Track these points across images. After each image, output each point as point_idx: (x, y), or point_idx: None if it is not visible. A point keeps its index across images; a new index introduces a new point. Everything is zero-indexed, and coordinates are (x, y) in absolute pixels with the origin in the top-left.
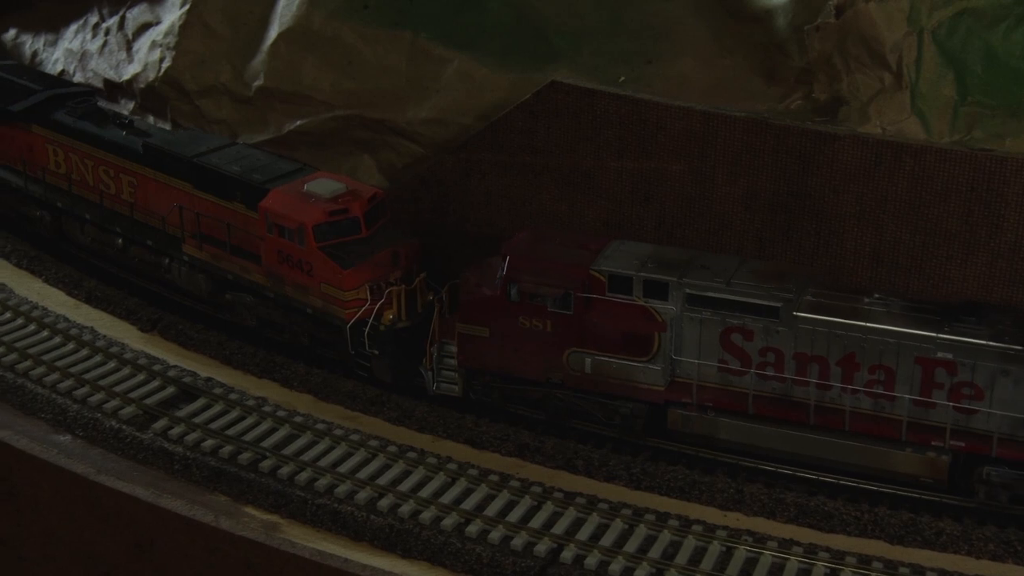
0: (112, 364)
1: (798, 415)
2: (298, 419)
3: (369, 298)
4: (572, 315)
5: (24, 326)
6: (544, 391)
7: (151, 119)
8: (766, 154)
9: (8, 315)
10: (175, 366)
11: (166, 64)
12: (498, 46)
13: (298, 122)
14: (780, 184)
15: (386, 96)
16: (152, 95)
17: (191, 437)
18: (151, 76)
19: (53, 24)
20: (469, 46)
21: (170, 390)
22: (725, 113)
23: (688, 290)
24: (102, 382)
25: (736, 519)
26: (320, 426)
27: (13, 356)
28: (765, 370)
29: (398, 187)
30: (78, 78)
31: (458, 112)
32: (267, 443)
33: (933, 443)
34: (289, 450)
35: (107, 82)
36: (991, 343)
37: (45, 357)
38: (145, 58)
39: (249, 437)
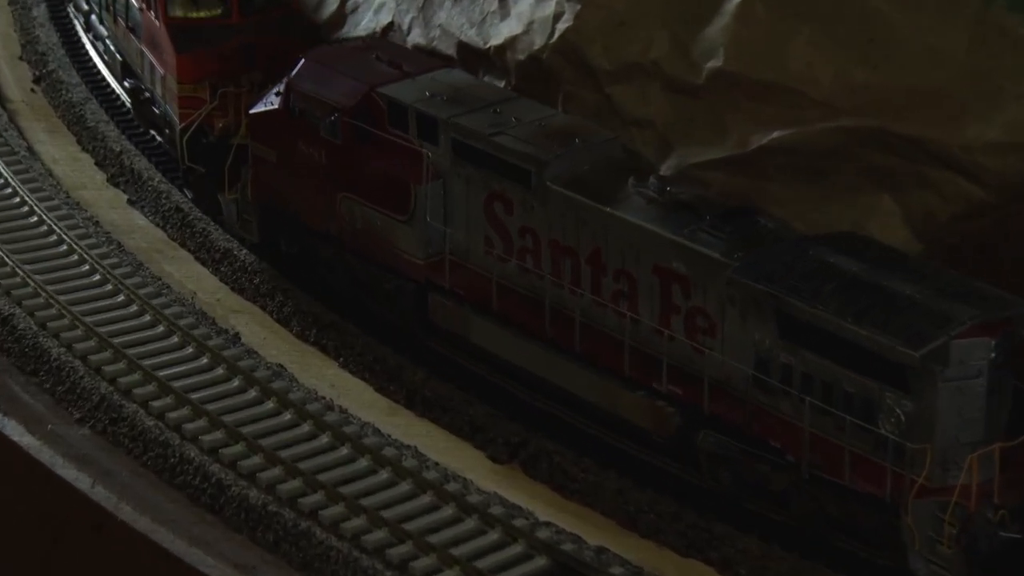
0: (449, 511)
1: (538, 323)
2: None
3: (209, 99)
4: (341, 146)
5: (313, 436)
6: (333, 250)
7: None
8: None
9: (289, 416)
10: (546, 523)
11: (563, 25)
12: None
13: (775, 133)
14: None
15: (929, 100)
16: (536, 72)
17: None
18: (537, 42)
19: None
20: None
21: (539, 562)
22: None
23: (454, 134)
24: (433, 539)
25: None
26: None
27: (295, 483)
28: (525, 257)
29: (937, 251)
30: (415, 36)
31: None
32: None
33: (653, 385)
34: None
35: (463, 46)
36: (716, 254)
37: (345, 490)
38: (530, 13)
39: None
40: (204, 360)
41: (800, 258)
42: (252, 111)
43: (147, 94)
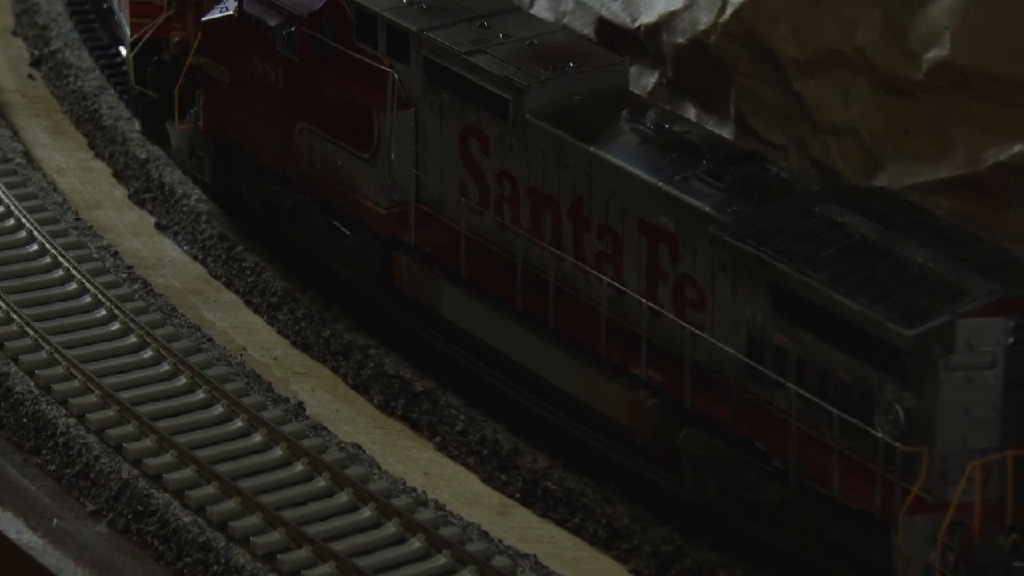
0: None
1: (509, 290)
2: None
3: (166, 7)
4: (299, 64)
5: (401, 539)
6: (296, 198)
7: (690, 110)
8: None
9: (369, 512)
10: None
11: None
12: None
13: (1017, 147)
14: None
15: None
16: (701, 59)
17: None
18: (703, 21)
19: None
20: None
21: None
22: None
23: (427, 52)
24: None
25: None
26: None
27: None
28: (502, 209)
29: None
30: (541, 8)
31: None
32: None
33: (633, 369)
34: None
35: (604, 24)
36: (706, 207)
37: None
38: None
39: None
40: (257, 437)
41: (803, 215)
42: (205, 19)
43: (108, 2)
